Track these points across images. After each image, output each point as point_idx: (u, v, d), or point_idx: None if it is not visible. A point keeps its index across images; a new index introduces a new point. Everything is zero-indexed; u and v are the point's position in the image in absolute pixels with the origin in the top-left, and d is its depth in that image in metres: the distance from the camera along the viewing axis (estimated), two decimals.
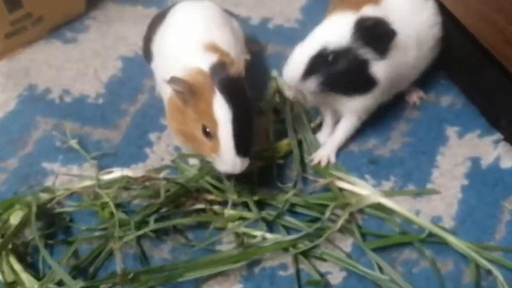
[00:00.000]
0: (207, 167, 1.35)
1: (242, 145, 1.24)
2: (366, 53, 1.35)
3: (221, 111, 1.23)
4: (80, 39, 1.84)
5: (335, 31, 1.34)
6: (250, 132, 1.27)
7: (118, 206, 1.37)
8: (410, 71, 1.49)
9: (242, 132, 1.24)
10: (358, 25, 1.33)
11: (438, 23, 1.51)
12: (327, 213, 1.32)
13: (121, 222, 1.32)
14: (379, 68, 1.37)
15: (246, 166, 1.26)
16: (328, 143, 1.48)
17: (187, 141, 1.33)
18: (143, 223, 1.33)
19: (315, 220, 1.36)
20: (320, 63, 1.33)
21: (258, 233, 1.33)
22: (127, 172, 1.43)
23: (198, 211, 1.37)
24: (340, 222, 1.31)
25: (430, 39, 1.50)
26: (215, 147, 1.25)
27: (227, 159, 1.24)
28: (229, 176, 1.34)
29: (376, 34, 1.34)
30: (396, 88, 1.50)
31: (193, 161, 1.44)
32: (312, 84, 1.34)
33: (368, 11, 1.37)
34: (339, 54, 1.33)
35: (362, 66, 1.36)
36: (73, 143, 1.53)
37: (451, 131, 1.53)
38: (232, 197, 1.35)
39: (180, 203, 1.37)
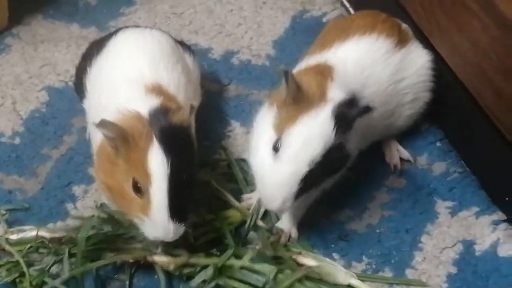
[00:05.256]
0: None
1: (178, 208, 1.40)
2: (345, 135, 1.47)
3: (157, 163, 1.38)
4: None
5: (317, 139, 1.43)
6: (189, 193, 1.43)
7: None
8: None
9: (180, 192, 1.40)
10: (339, 117, 1.44)
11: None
12: (272, 275, 1.47)
13: None
14: (351, 140, 1.51)
15: (180, 233, 1.42)
16: (287, 215, 1.62)
17: (114, 198, 1.49)
18: None
19: None
20: (310, 176, 1.44)
21: None
22: (42, 232, 1.57)
23: None
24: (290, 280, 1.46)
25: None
26: (145, 206, 1.40)
27: (159, 223, 1.40)
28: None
29: (354, 115, 1.47)
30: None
31: None
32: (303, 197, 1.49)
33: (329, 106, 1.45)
34: (326, 155, 1.43)
35: (341, 148, 1.48)
36: None
37: (442, 207, 1.70)
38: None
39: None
